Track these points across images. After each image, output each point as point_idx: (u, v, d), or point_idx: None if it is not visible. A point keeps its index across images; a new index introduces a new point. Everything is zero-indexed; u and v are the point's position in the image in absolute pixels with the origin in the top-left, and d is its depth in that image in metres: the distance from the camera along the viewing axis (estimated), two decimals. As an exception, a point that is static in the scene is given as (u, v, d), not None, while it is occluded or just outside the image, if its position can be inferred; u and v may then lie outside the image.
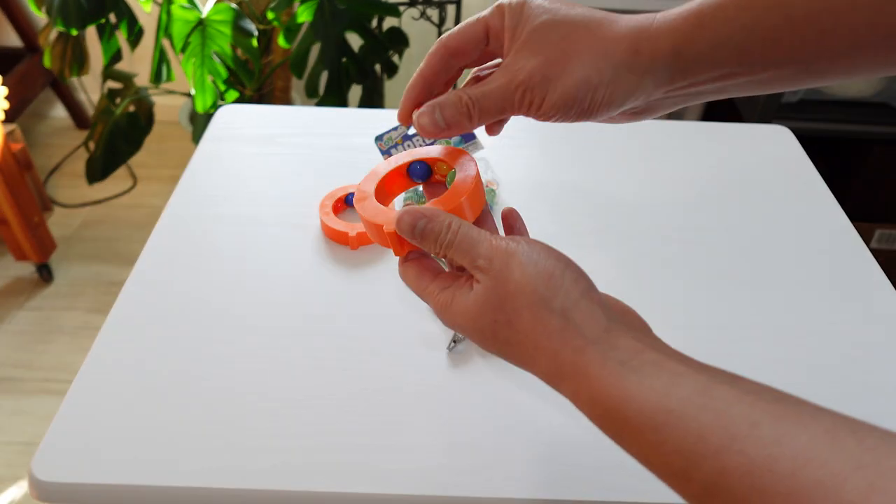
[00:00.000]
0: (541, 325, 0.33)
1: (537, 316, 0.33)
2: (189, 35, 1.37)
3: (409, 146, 0.57)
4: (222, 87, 1.42)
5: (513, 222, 0.42)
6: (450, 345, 0.57)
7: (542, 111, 0.39)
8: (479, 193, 0.41)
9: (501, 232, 0.41)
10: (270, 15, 1.47)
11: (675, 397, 0.29)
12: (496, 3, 0.41)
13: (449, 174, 0.44)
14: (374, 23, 1.58)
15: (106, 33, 1.48)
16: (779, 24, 0.35)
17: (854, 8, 0.34)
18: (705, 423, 0.27)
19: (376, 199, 0.42)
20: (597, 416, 0.31)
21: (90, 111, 2.22)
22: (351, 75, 1.48)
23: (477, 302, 0.35)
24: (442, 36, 0.42)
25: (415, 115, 0.41)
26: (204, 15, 1.37)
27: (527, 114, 0.40)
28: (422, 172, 0.44)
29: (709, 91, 0.40)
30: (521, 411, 0.53)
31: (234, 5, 1.40)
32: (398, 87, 2.03)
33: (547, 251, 0.35)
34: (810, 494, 0.24)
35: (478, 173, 0.41)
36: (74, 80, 2.15)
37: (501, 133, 0.45)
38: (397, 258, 0.41)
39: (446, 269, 0.40)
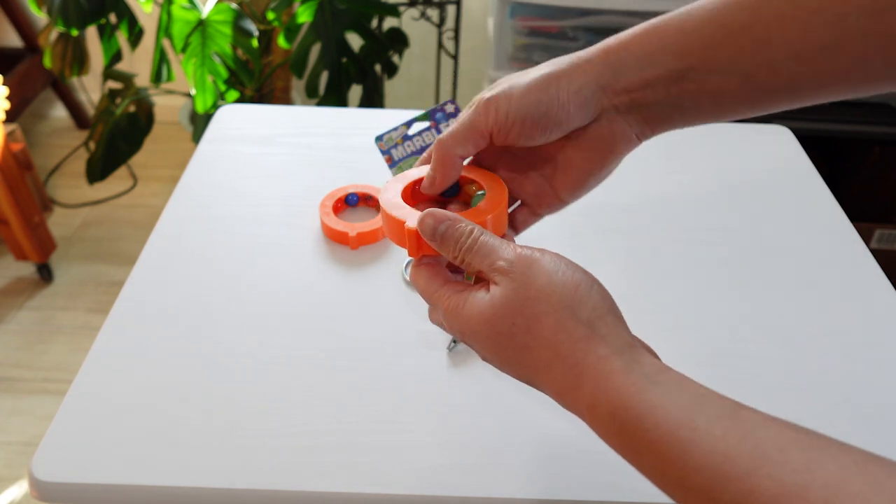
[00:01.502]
0: (564, 332, 0.32)
1: (561, 323, 0.33)
2: (189, 35, 1.37)
3: (409, 146, 0.57)
4: (222, 88, 1.42)
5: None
6: (450, 345, 0.57)
7: (511, 116, 0.39)
8: (503, 219, 0.41)
9: None
10: (270, 15, 1.47)
11: (700, 415, 0.28)
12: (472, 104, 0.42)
13: (475, 197, 0.43)
14: (374, 23, 1.58)
15: (106, 33, 1.48)
16: (716, 32, 0.37)
17: (782, 21, 0.35)
18: (732, 443, 0.27)
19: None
20: (614, 427, 0.30)
21: (90, 111, 2.22)
22: (351, 75, 1.48)
23: (495, 304, 0.34)
24: (441, 141, 0.43)
25: (423, 191, 0.43)
26: (204, 15, 1.37)
27: (497, 129, 0.40)
28: (451, 189, 0.44)
29: (665, 105, 0.40)
30: (521, 411, 0.53)
31: (234, 5, 1.40)
32: (398, 87, 2.03)
33: (573, 265, 0.35)
34: None
35: (506, 199, 0.41)
36: (75, 80, 2.15)
37: None
38: (399, 261, 0.42)
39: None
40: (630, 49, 0.39)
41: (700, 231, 0.70)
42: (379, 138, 0.58)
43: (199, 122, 1.51)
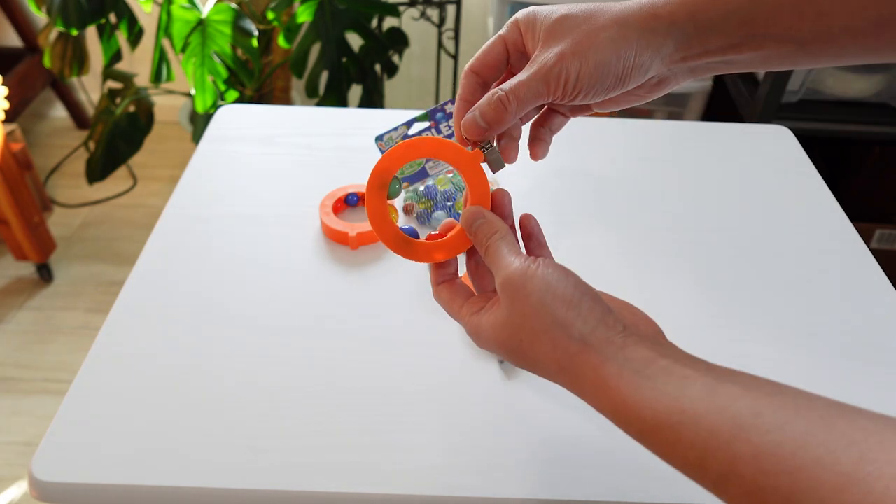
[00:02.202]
0: (560, 349, 0.36)
1: (557, 341, 0.36)
2: (189, 35, 1.37)
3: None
4: (222, 87, 1.42)
5: (531, 229, 0.43)
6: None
7: (578, 85, 0.40)
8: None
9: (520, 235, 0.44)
10: (270, 15, 1.47)
11: (686, 399, 0.32)
12: (510, 20, 0.43)
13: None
14: (374, 23, 1.58)
15: (106, 33, 1.48)
16: (781, 2, 0.38)
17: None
18: (714, 419, 0.30)
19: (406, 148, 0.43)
20: (621, 422, 0.34)
21: (90, 111, 2.22)
22: (351, 75, 1.48)
23: (503, 324, 0.38)
24: (468, 63, 0.45)
25: (462, 126, 0.43)
26: (204, 15, 1.37)
27: (562, 95, 0.41)
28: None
29: (717, 64, 0.42)
30: (522, 411, 0.53)
31: (234, 5, 1.40)
32: (398, 87, 2.03)
33: (565, 276, 0.37)
34: (810, 469, 0.26)
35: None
36: (74, 80, 2.15)
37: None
38: (405, 262, 0.43)
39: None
40: (696, 18, 0.40)
41: (700, 231, 0.70)
42: (379, 138, 0.58)
43: (199, 122, 1.51)
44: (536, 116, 0.47)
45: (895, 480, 0.25)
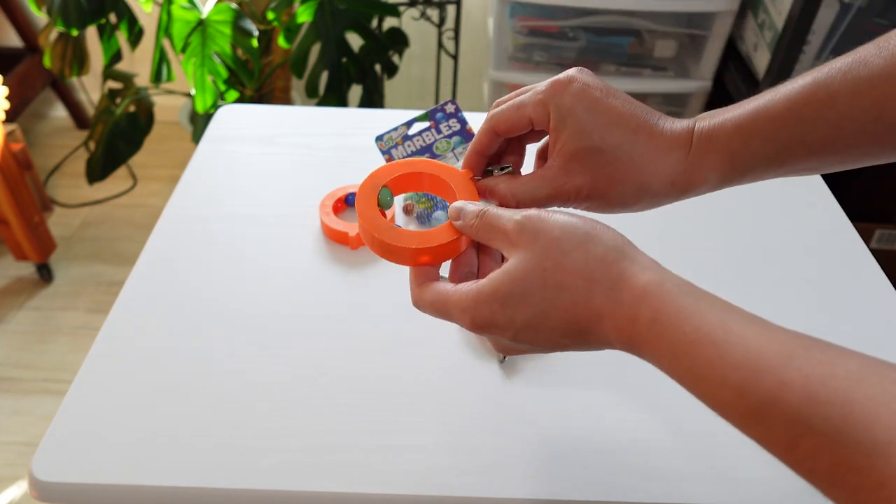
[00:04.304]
0: (595, 259, 0.34)
1: (590, 252, 0.35)
2: (189, 35, 1.37)
3: (409, 146, 0.57)
4: (222, 87, 1.42)
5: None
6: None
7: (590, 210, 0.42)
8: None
9: None
10: (270, 15, 1.47)
11: (732, 320, 0.31)
12: (539, 93, 0.41)
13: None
14: (374, 23, 1.58)
15: (106, 33, 1.48)
16: (815, 139, 0.39)
17: (859, 115, 0.38)
18: (763, 343, 0.29)
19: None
20: (653, 335, 0.32)
21: (90, 111, 2.22)
22: (351, 75, 1.48)
23: (519, 265, 0.35)
24: (491, 114, 0.43)
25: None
26: (204, 15, 1.37)
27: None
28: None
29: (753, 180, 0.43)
30: (522, 411, 0.53)
31: (234, 5, 1.40)
32: (398, 87, 2.03)
33: (576, 216, 0.37)
34: (863, 405, 0.26)
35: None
36: (74, 80, 2.15)
37: None
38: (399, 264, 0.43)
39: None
40: (747, 156, 0.40)
41: (699, 231, 0.70)
42: (379, 138, 0.58)
43: (199, 122, 1.51)
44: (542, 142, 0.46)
45: None
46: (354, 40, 1.49)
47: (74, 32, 1.41)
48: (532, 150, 0.45)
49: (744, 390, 0.29)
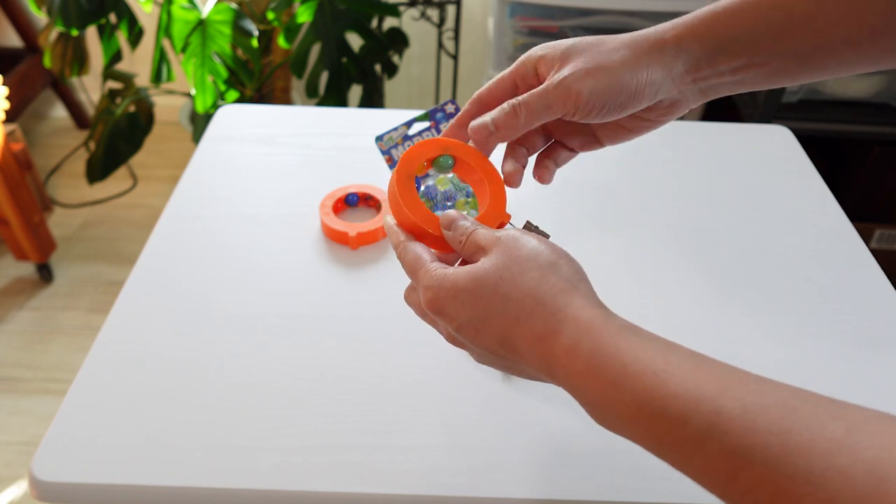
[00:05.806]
0: (547, 283, 0.36)
1: (545, 276, 0.36)
2: (189, 35, 1.37)
3: (409, 146, 0.57)
4: (222, 87, 1.42)
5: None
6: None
7: (591, 102, 0.41)
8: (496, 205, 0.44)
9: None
10: (270, 15, 1.47)
11: (671, 355, 0.32)
12: (521, 57, 0.45)
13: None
14: (374, 23, 1.58)
15: (106, 33, 1.48)
16: (783, 22, 0.41)
17: (840, 10, 0.40)
18: (701, 374, 0.30)
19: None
20: (592, 367, 0.33)
21: (90, 111, 2.22)
22: (351, 75, 1.48)
23: (485, 265, 0.37)
24: (476, 92, 0.46)
25: (469, 128, 0.44)
26: (204, 15, 1.37)
27: (573, 110, 0.42)
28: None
29: (727, 83, 0.43)
30: (522, 411, 0.53)
31: (234, 5, 1.40)
32: (398, 87, 2.03)
33: (550, 246, 0.38)
34: (800, 433, 0.26)
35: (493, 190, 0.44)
36: (74, 80, 2.15)
37: None
38: (397, 259, 0.43)
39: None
40: (703, 39, 0.42)
41: (700, 231, 0.70)
42: (379, 138, 0.58)
43: (199, 122, 1.51)
44: (543, 149, 0.48)
45: (884, 451, 0.25)
46: (354, 40, 1.49)
47: (74, 32, 1.41)
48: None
49: (683, 419, 0.29)
